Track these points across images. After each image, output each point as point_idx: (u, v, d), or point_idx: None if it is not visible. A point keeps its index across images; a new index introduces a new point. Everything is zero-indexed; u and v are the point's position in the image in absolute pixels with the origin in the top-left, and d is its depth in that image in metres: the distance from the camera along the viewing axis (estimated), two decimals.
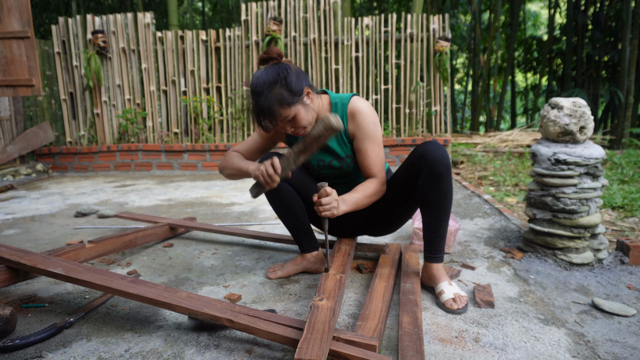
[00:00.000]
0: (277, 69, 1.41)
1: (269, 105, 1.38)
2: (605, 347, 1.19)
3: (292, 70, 1.42)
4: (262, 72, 1.43)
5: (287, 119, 1.42)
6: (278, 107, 1.39)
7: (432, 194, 1.44)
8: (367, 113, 1.53)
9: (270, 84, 1.39)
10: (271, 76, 1.39)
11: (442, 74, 4.81)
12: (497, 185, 3.85)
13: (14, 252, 1.51)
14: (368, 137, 1.53)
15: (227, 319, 1.15)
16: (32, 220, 2.84)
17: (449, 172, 1.43)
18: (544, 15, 15.58)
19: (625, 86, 7.70)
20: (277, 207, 1.64)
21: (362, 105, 1.54)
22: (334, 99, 1.58)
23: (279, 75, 1.39)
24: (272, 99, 1.38)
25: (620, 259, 1.81)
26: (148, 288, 1.29)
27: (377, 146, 1.55)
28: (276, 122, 1.42)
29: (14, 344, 1.19)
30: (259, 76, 1.42)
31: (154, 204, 3.27)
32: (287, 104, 1.39)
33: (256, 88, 1.40)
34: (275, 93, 1.38)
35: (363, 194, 1.50)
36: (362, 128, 1.53)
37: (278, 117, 1.40)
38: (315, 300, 1.23)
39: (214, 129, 5.20)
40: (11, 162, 4.95)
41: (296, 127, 1.45)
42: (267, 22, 4.90)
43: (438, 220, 1.47)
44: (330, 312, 1.16)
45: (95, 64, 5.04)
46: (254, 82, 1.41)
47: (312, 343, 1.01)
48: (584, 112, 1.77)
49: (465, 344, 1.20)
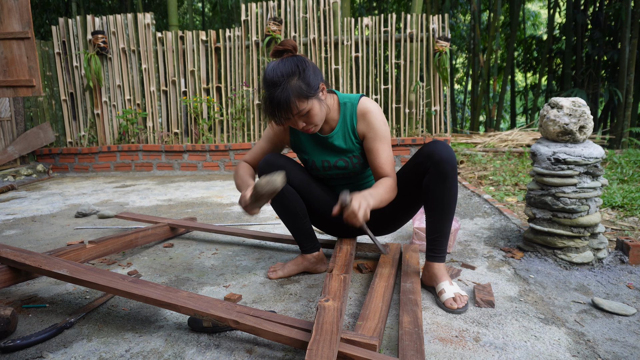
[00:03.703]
0: (295, 61, 1.37)
1: (287, 97, 1.33)
2: (605, 346, 1.20)
3: (310, 64, 1.40)
4: (279, 63, 1.38)
5: (302, 112, 1.38)
6: (295, 100, 1.34)
7: (437, 192, 1.44)
8: (377, 113, 1.53)
9: (288, 75, 1.34)
10: (289, 67, 1.35)
11: (441, 73, 4.81)
12: (497, 184, 3.85)
13: (18, 253, 1.51)
14: (379, 136, 1.53)
15: (233, 320, 1.15)
16: (33, 220, 2.84)
17: (454, 172, 1.43)
18: (543, 15, 15.58)
19: (625, 86, 7.70)
20: (279, 209, 1.63)
21: (372, 105, 1.54)
22: (342, 98, 1.57)
23: (298, 67, 1.36)
24: (290, 90, 1.33)
25: (620, 258, 1.81)
26: (151, 289, 1.29)
27: (388, 146, 1.54)
28: (292, 115, 1.37)
29: (14, 344, 1.19)
30: (276, 67, 1.36)
31: (154, 204, 3.27)
32: (304, 97, 1.36)
33: (273, 79, 1.35)
34: (293, 85, 1.34)
35: (385, 189, 1.47)
36: (374, 128, 1.52)
37: (294, 110, 1.36)
38: (322, 301, 1.22)
39: (214, 129, 5.20)
40: (12, 163, 4.95)
41: (308, 123, 1.42)
42: (267, 22, 4.90)
43: (442, 220, 1.47)
44: (337, 312, 1.16)
45: (95, 65, 5.05)
46: (270, 73, 1.36)
47: (322, 345, 1.01)
48: (583, 112, 1.78)
49: (465, 344, 1.21)
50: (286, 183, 1.58)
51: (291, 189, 1.60)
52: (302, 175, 1.64)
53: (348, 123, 1.56)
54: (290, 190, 1.59)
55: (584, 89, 8.81)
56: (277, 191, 1.32)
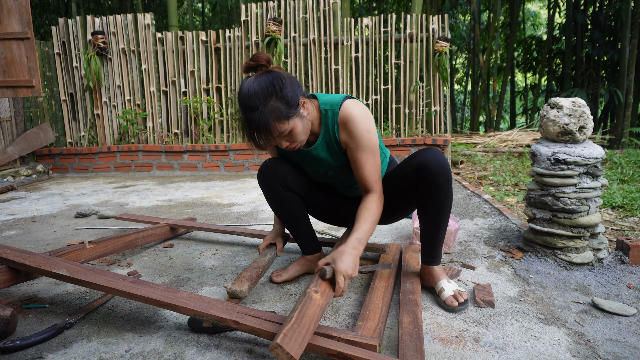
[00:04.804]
0: (271, 79, 1.26)
1: (265, 121, 1.23)
2: (605, 346, 1.20)
3: (287, 80, 1.28)
4: (253, 82, 1.26)
5: (284, 134, 1.29)
6: (275, 123, 1.25)
7: (430, 203, 1.41)
8: (359, 120, 1.38)
9: (264, 97, 1.24)
10: (264, 87, 1.24)
11: (441, 74, 4.81)
12: (497, 185, 3.85)
13: (18, 254, 1.51)
14: (361, 146, 1.40)
15: (233, 321, 1.15)
16: (33, 221, 2.84)
17: (448, 183, 1.37)
18: (543, 15, 15.59)
19: (625, 86, 7.70)
20: (280, 213, 1.63)
21: (354, 111, 1.39)
22: (323, 105, 1.43)
23: (274, 87, 1.25)
24: (268, 114, 1.23)
25: (620, 258, 1.81)
26: (151, 289, 1.29)
27: (372, 155, 1.41)
28: (273, 138, 1.28)
29: (14, 344, 1.19)
30: (250, 87, 1.25)
31: (154, 204, 3.27)
32: (284, 118, 1.26)
33: (248, 102, 1.24)
34: (271, 107, 1.24)
35: (371, 220, 1.37)
36: (354, 137, 1.39)
37: (275, 133, 1.27)
38: (312, 290, 1.19)
39: (214, 129, 5.20)
40: (11, 163, 4.95)
41: (292, 142, 1.34)
42: (267, 22, 4.90)
43: (436, 228, 1.46)
44: (319, 310, 1.13)
45: (95, 65, 5.05)
46: (245, 95, 1.25)
47: (296, 336, 1.00)
48: (583, 112, 1.78)
49: (465, 344, 1.21)
50: (287, 188, 1.57)
51: (291, 194, 1.58)
52: (302, 178, 1.62)
53: (330, 132, 1.44)
54: (290, 195, 1.58)
55: (584, 89, 8.81)
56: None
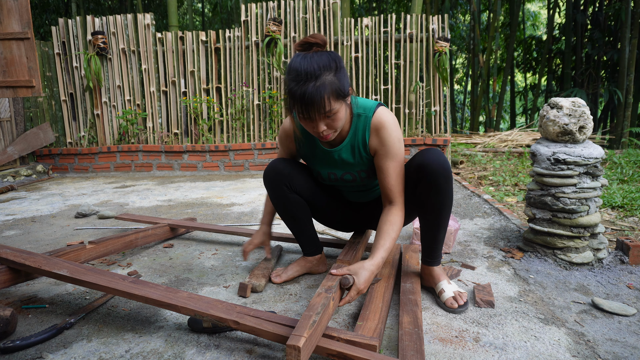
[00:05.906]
0: (331, 57, 1.24)
1: (322, 92, 1.19)
2: (605, 346, 1.20)
3: (343, 63, 1.28)
4: (312, 56, 1.22)
5: (331, 113, 1.25)
6: (330, 97, 1.21)
7: (431, 203, 1.40)
8: (393, 128, 1.38)
9: (325, 68, 1.20)
10: (325, 61, 1.22)
11: (441, 74, 4.81)
12: (497, 185, 3.85)
13: (18, 254, 1.51)
14: (391, 154, 1.39)
15: (233, 321, 1.15)
16: (33, 221, 2.84)
17: (448, 183, 1.36)
18: (543, 15, 15.59)
19: (625, 86, 7.70)
20: (284, 215, 1.63)
21: (388, 119, 1.39)
22: (356, 108, 1.42)
23: (335, 64, 1.23)
24: (326, 85, 1.20)
25: (620, 258, 1.81)
26: (151, 289, 1.29)
27: (400, 165, 1.41)
28: (323, 112, 1.23)
29: (14, 345, 1.19)
30: (308, 59, 1.21)
31: (154, 204, 3.27)
32: (339, 96, 1.24)
33: (307, 69, 1.19)
34: (330, 80, 1.21)
35: (393, 235, 1.37)
36: (386, 144, 1.39)
37: (327, 107, 1.22)
38: (332, 295, 1.19)
39: (214, 129, 5.20)
40: (11, 163, 4.95)
41: (330, 127, 1.29)
42: (267, 22, 4.91)
43: (436, 228, 1.45)
44: (330, 317, 1.15)
45: (95, 65, 5.05)
46: (304, 64, 1.21)
47: (311, 341, 1.01)
48: (583, 112, 1.78)
49: (465, 344, 1.21)
50: (293, 190, 1.56)
51: (296, 197, 1.57)
52: (308, 182, 1.60)
53: (359, 136, 1.43)
54: (295, 198, 1.57)
55: (583, 89, 8.81)
56: None
